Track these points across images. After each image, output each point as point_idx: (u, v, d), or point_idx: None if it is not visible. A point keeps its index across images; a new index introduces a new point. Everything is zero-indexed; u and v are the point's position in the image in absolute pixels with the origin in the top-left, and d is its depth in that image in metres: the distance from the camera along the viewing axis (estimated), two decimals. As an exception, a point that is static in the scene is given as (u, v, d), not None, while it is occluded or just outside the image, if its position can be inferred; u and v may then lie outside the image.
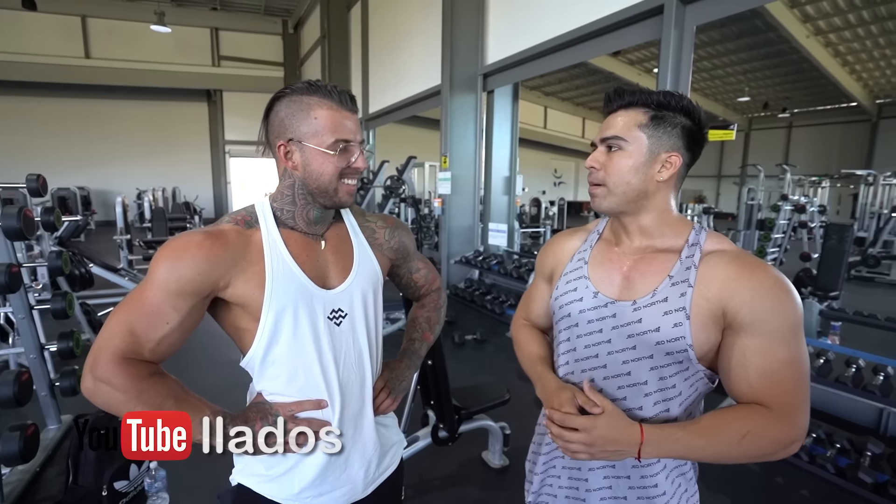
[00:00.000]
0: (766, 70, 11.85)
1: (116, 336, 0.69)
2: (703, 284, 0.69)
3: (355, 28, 8.64)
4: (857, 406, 2.50)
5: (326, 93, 0.76)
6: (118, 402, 0.68)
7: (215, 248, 0.73)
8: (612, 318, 0.75)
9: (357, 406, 0.84)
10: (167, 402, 0.69)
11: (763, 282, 0.67)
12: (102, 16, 12.16)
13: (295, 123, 0.76)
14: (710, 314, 0.69)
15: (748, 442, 0.66)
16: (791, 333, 0.66)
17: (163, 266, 0.70)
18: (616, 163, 0.72)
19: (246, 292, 0.75)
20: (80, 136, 12.89)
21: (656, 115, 0.72)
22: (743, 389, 0.68)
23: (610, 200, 0.74)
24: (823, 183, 10.37)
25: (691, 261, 0.72)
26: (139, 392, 0.68)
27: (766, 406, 0.66)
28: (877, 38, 9.48)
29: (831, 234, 3.68)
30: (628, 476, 0.76)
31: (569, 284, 0.81)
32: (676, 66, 2.71)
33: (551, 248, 0.91)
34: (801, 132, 17.19)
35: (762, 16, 8.05)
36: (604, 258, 0.80)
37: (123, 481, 1.79)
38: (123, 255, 5.94)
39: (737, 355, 0.68)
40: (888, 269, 6.65)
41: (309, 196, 0.80)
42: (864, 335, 3.75)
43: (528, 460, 0.92)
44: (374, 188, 7.23)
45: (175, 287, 0.70)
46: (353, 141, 0.78)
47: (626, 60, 11.39)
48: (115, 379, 0.67)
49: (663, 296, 0.71)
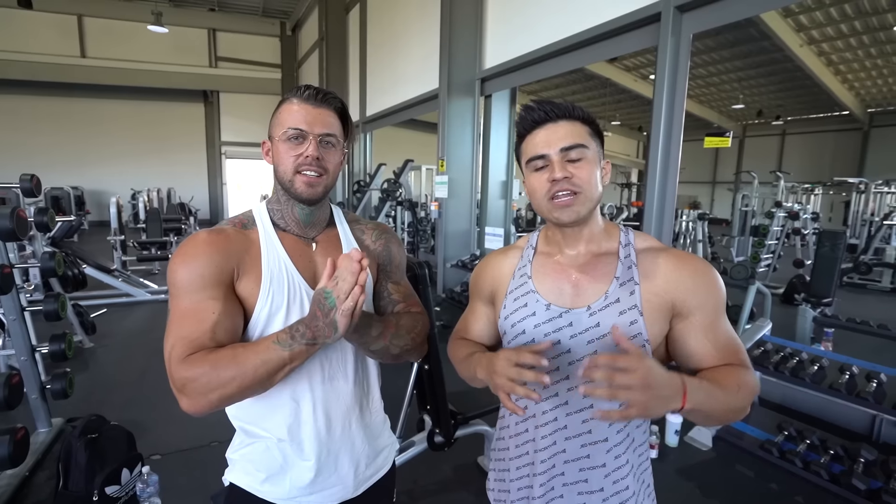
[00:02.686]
0: (761, 78, 11.97)
1: (175, 347, 0.71)
2: (648, 280, 0.75)
3: (353, 31, 8.65)
4: (851, 413, 2.51)
5: (297, 91, 0.81)
6: (204, 384, 0.68)
7: (220, 242, 0.77)
8: (570, 327, 0.75)
9: (345, 405, 0.85)
10: (236, 350, 0.71)
11: (698, 268, 0.75)
12: (99, 15, 12.11)
13: (273, 122, 0.82)
14: (660, 307, 0.74)
15: (743, 392, 0.69)
16: (723, 306, 0.76)
17: (181, 271, 0.74)
18: (586, 170, 0.73)
19: (247, 288, 0.78)
20: (75, 135, 12.79)
21: (592, 128, 0.76)
22: (709, 362, 0.73)
23: (587, 206, 0.74)
24: (816, 190, 10.49)
25: (630, 260, 0.77)
26: (213, 362, 0.68)
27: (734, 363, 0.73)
28: (868, 49, 9.61)
29: (824, 241, 3.71)
30: (602, 488, 0.76)
31: (517, 301, 0.81)
32: (673, 73, 2.74)
33: (486, 269, 0.90)
34: (794, 140, 17.38)
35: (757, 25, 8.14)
36: (548, 270, 0.81)
37: (115, 486, 1.76)
38: (117, 256, 5.90)
39: (692, 337, 0.74)
40: (880, 276, 6.71)
41: (283, 189, 0.83)
42: (857, 342, 3.79)
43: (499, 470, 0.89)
44: (371, 191, 7.22)
45: (200, 283, 0.73)
46: (307, 131, 0.78)
47: (623, 67, 11.47)
48: (189, 371, 0.68)
49: (615, 297, 0.74)
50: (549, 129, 0.74)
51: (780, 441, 2.27)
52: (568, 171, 0.72)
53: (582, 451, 0.76)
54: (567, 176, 0.72)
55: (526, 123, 0.76)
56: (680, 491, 2.10)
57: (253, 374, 0.69)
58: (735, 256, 7.94)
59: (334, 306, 0.67)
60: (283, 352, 0.69)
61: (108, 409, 2.62)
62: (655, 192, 2.83)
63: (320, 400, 0.82)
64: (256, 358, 0.69)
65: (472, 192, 5.11)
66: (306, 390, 0.81)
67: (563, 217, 0.74)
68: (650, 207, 2.87)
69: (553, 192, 0.73)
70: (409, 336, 0.85)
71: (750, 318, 3.66)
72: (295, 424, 0.81)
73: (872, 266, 6.85)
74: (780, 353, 2.57)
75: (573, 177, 0.72)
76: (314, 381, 0.82)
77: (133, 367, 3.36)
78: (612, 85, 12.07)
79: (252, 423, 0.83)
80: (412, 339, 0.85)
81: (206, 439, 2.34)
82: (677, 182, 2.81)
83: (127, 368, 3.34)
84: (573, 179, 0.72)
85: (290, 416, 0.81)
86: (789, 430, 2.32)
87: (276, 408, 0.81)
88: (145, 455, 2.04)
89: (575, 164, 0.73)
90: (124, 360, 3.51)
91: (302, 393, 0.81)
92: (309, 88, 0.80)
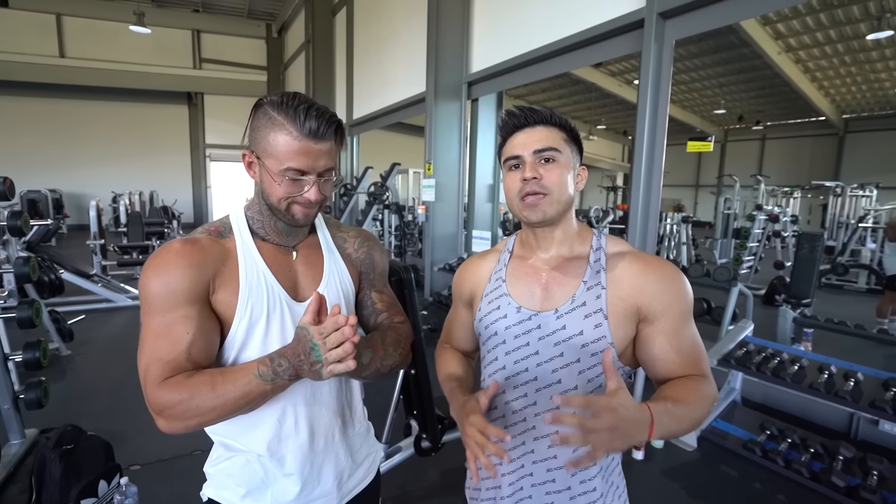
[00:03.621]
0: (741, 84, 12.24)
1: (150, 369, 0.68)
2: (615, 285, 0.76)
3: (340, 34, 8.62)
4: (830, 411, 2.57)
5: (293, 115, 0.70)
6: (182, 411, 0.67)
7: (195, 254, 0.73)
8: (538, 330, 0.77)
9: (328, 417, 0.84)
10: (215, 378, 0.68)
11: (664, 274, 0.76)
12: (78, 14, 11.85)
13: (259, 137, 0.73)
14: (625, 312, 0.75)
15: (703, 405, 0.71)
16: (689, 312, 0.77)
17: (153, 286, 0.70)
18: (557, 172, 0.76)
19: (224, 300, 0.74)
20: (54, 137, 12.48)
21: (569, 134, 0.79)
22: (671, 368, 0.75)
23: (555, 208, 0.76)
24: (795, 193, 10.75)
25: (599, 264, 0.78)
26: (190, 389, 0.67)
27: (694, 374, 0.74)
28: (843, 57, 9.91)
29: (803, 243, 3.79)
30: (569, 487, 0.77)
31: (491, 304, 0.83)
32: (657, 79, 2.78)
33: (466, 273, 0.93)
34: (773, 144, 17.81)
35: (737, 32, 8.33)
36: (520, 273, 0.83)
37: (91, 499, 1.71)
38: (97, 261, 5.76)
39: (657, 342, 0.75)
40: (856, 277, 6.89)
41: (269, 209, 0.79)
42: (835, 341, 3.88)
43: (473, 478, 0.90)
44: (358, 194, 7.19)
45: (174, 300, 0.70)
46: (309, 172, 0.73)
47: (608, 72, 11.63)
48: (166, 397, 0.66)
49: (581, 300, 0.76)
50: (526, 132, 0.77)
51: (763, 440, 2.30)
52: (538, 172, 0.75)
53: (549, 452, 0.77)
54: (536, 176, 0.75)
55: (507, 127, 0.80)
56: (666, 492, 2.12)
57: (233, 405, 0.68)
58: (718, 258, 8.08)
59: (320, 361, 0.65)
60: (265, 386, 0.69)
61: (86, 418, 2.54)
62: (640, 195, 2.87)
63: (304, 415, 0.80)
64: (237, 391, 0.68)
65: (459, 195, 5.12)
66: (289, 405, 0.79)
67: (530, 216, 0.76)
68: (635, 210, 2.90)
69: (524, 192, 0.76)
70: (397, 353, 0.84)
71: (733, 319, 3.72)
72: (276, 440, 0.79)
73: (849, 267, 7.04)
74: (762, 353, 2.61)
75: (542, 178, 0.75)
76: (297, 396, 0.79)
77: (112, 374, 3.27)
78: (597, 89, 12.22)
79: (232, 437, 0.80)
80: (399, 355, 0.85)
81: (188, 448, 2.29)
82: (661, 185, 2.85)
83: (106, 376, 3.25)
84: (542, 181, 0.75)
85: (272, 432, 0.78)
86: (771, 429, 2.36)
87: (257, 424, 0.78)
88: (124, 465, 1.98)
89: (546, 167, 0.76)
90: (103, 367, 3.42)
91: (285, 408, 0.79)
92: (308, 116, 0.70)
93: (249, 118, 0.76)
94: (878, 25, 7.62)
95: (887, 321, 4.33)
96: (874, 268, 6.53)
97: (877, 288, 6.21)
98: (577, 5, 3.40)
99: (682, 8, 2.63)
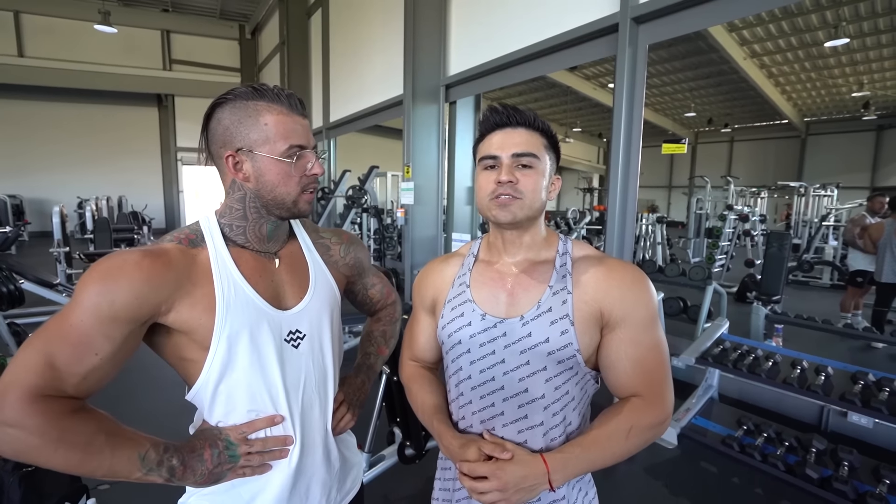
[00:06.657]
0: (710, 88, 12.66)
1: (32, 370, 0.57)
2: (580, 289, 0.75)
3: (315, 36, 8.50)
4: (802, 405, 2.65)
5: (274, 96, 0.71)
6: (32, 447, 0.56)
7: (156, 269, 0.64)
8: (504, 337, 0.75)
9: (318, 431, 0.80)
10: (97, 438, 0.59)
11: (627, 278, 0.74)
12: (38, 12, 11.32)
13: (243, 131, 0.70)
14: (590, 316, 0.73)
15: (633, 436, 0.71)
16: (651, 321, 0.74)
17: (93, 289, 0.61)
18: (533, 179, 0.74)
19: (192, 318, 0.67)
20: (12, 140, 11.89)
21: (549, 141, 0.77)
22: (621, 381, 0.74)
23: (525, 213, 0.74)
24: (762, 193, 11.16)
25: (565, 269, 0.77)
26: (61, 432, 0.57)
27: (639, 395, 0.73)
28: (803, 63, 10.38)
29: (772, 241, 3.92)
30: (539, 499, 0.75)
31: (454, 311, 0.80)
32: (631, 82, 2.83)
33: (428, 277, 0.89)
34: (741, 146, 18.48)
35: (706, 38, 8.62)
36: (485, 279, 0.80)
37: (54, 523, 1.61)
38: (61, 269, 5.50)
39: (614, 349, 0.74)
40: (820, 274, 7.18)
41: (263, 209, 0.75)
42: (804, 336, 4.02)
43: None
44: (336, 198, 7.09)
45: (108, 312, 0.60)
46: (308, 146, 0.73)
47: (583, 76, 11.85)
48: (28, 420, 0.55)
49: (547, 306, 0.74)
50: (507, 132, 0.75)
51: (740, 436, 2.35)
52: (514, 176, 0.73)
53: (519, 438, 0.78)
54: (511, 180, 0.73)
55: (488, 124, 0.77)
56: (648, 489, 2.14)
57: (91, 471, 0.59)
58: (692, 257, 8.30)
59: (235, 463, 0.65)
60: (139, 472, 0.62)
61: (49, 436, 2.40)
62: (617, 196, 2.91)
63: (298, 436, 0.77)
64: (106, 462, 0.60)
65: (438, 198, 5.10)
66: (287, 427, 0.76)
67: (499, 216, 0.74)
68: (613, 211, 2.94)
69: (497, 193, 0.74)
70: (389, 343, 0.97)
71: (708, 317, 3.81)
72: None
73: (814, 264, 7.33)
74: (738, 350, 2.68)
75: (518, 182, 0.73)
76: (291, 409, 0.76)
77: (78, 389, 3.11)
78: (573, 93, 12.43)
79: None
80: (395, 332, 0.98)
81: (160, 464, 2.19)
82: (638, 186, 2.90)
83: (71, 391, 3.09)
84: (517, 185, 0.73)
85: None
86: (748, 424, 2.42)
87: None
88: (91, 486, 1.88)
89: (523, 171, 0.74)
90: (68, 381, 3.25)
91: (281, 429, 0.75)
92: (287, 95, 0.72)
93: (210, 119, 0.72)
94: (834, 33, 7.99)
95: (850, 315, 4.52)
96: (837, 264, 6.81)
97: (840, 284, 6.48)
98: (553, 10, 3.44)
99: (654, 14, 2.69)
